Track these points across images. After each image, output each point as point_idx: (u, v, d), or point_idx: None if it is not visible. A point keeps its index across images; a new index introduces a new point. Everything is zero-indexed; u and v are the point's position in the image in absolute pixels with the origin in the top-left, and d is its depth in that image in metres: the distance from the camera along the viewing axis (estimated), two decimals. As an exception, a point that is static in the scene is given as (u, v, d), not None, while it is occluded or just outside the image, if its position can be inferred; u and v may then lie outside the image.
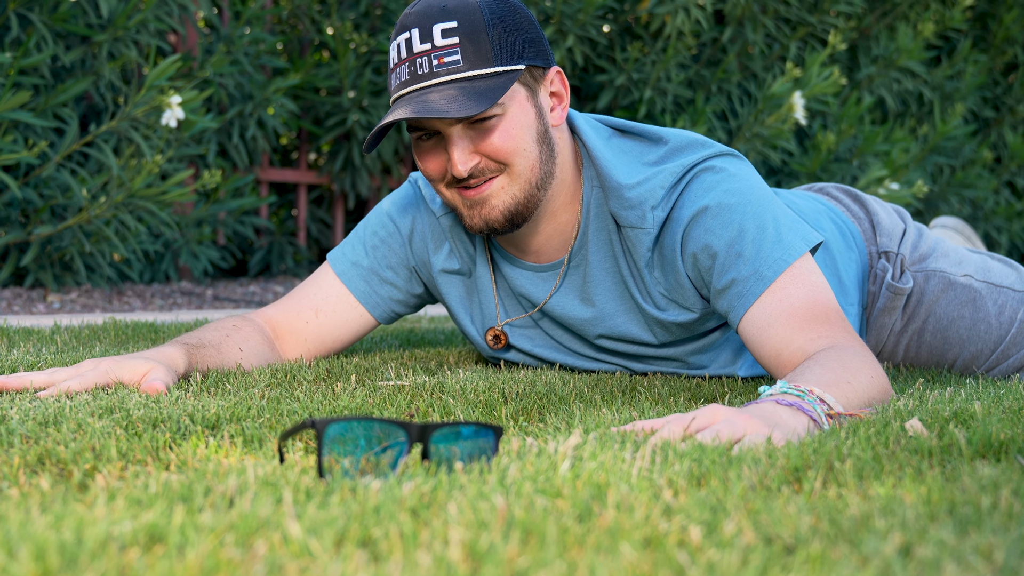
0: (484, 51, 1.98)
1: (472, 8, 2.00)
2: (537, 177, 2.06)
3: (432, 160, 2.06)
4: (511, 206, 2.06)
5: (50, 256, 4.16)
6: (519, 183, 2.04)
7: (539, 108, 2.06)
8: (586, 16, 5.03)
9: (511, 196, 2.05)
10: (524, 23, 2.04)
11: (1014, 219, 6.84)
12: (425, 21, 2.00)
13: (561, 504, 1.14)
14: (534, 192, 2.06)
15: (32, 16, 3.89)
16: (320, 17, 5.21)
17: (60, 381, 1.87)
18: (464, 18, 1.99)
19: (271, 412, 1.69)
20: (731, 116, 5.56)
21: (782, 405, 1.59)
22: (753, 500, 1.18)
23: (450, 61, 1.98)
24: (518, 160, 2.02)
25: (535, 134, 2.04)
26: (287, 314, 2.33)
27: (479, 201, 2.05)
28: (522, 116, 2.03)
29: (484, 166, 2.02)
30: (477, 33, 1.98)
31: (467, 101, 1.94)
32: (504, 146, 2.01)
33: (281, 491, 1.18)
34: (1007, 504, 1.15)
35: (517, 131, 2.02)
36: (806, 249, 2.01)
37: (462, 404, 1.80)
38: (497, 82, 1.97)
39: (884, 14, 6.22)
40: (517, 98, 2.02)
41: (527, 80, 2.04)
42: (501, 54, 1.99)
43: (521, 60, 2.01)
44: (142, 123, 4.08)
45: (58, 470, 1.33)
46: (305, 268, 5.40)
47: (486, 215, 2.06)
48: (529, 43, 2.03)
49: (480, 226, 2.08)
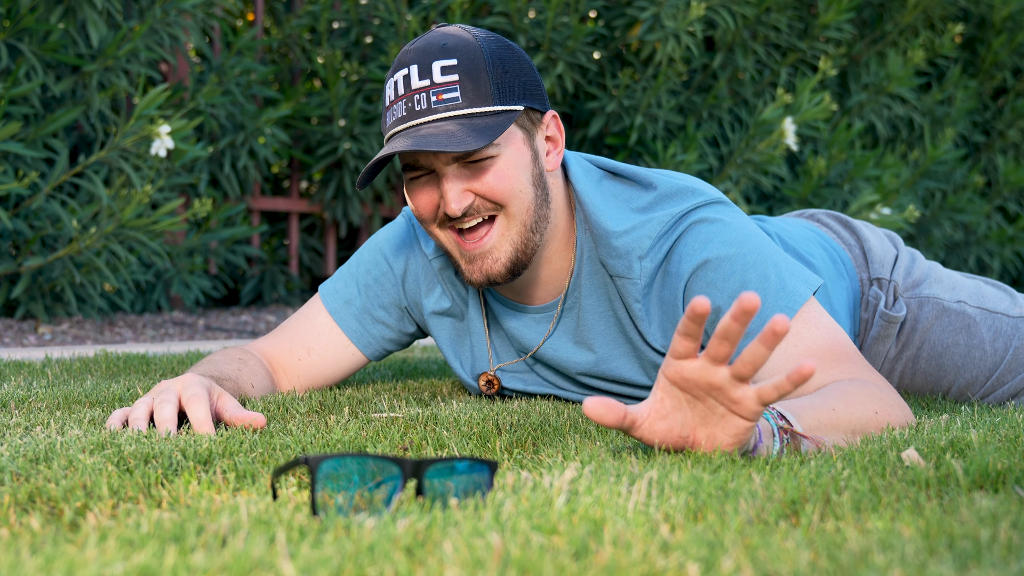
0: (483, 90, 1.97)
1: (472, 47, 1.99)
2: (532, 220, 2.04)
3: (424, 198, 2.04)
4: (511, 256, 2.04)
5: (41, 287, 4.15)
6: (516, 226, 2.03)
7: (535, 151, 2.05)
8: (576, 43, 5.03)
9: (510, 244, 2.03)
10: (523, 66, 2.03)
11: (1006, 244, 6.85)
12: (424, 58, 1.99)
13: (557, 541, 1.13)
14: (530, 236, 2.05)
15: (22, 46, 3.89)
16: (311, 46, 5.22)
17: (176, 404, 1.82)
18: (464, 56, 1.98)
19: (264, 446, 1.67)
20: (722, 142, 5.57)
21: None
22: (751, 535, 1.17)
23: (449, 98, 1.97)
24: (513, 201, 2.01)
25: (531, 176, 2.03)
26: (280, 350, 2.32)
27: (479, 255, 2.03)
28: (518, 157, 2.02)
29: (479, 205, 2.01)
30: (477, 72, 1.97)
31: (466, 137, 1.93)
32: (499, 186, 1.99)
33: (274, 530, 1.17)
34: (1006, 537, 1.14)
35: (513, 172, 2.00)
36: (810, 293, 2.00)
37: (456, 436, 1.79)
38: (496, 120, 1.96)
39: (874, 41, 6.25)
40: (513, 139, 2.01)
41: (524, 122, 2.03)
42: (500, 94, 1.98)
43: (519, 101, 2.00)
44: (132, 153, 4.07)
45: (49, 509, 1.32)
46: (297, 297, 5.38)
47: (487, 269, 2.04)
48: (527, 85, 2.03)
49: (480, 280, 2.06)
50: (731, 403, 1.52)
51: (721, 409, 1.53)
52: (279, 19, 5.30)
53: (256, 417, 1.83)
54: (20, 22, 3.89)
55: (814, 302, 2.00)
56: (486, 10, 5.16)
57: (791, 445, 1.65)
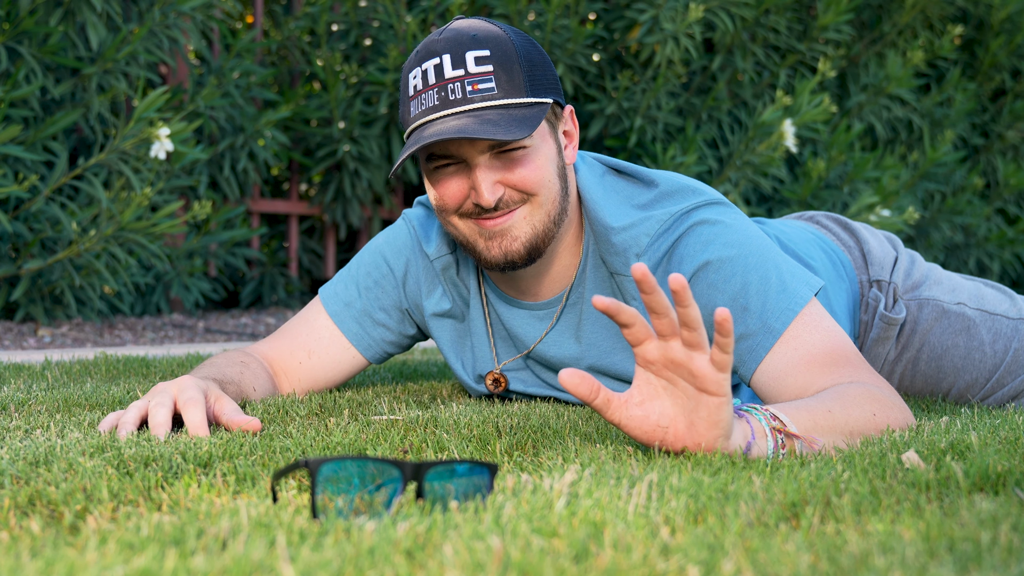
0: (517, 81, 1.98)
1: (503, 39, 2.00)
2: (556, 211, 2.06)
3: (452, 187, 2.03)
4: (531, 237, 2.04)
5: (40, 290, 4.14)
6: (540, 214, 2.03)
7: (559, 144, 2.07)
8: (576, 45, 5.04)
9: (531, 227, 2.04)
10: (546, 60, 2.06)
11: (1006, 246, 6.85)
12: (457, 47, 1.99)
13: (557, 544, 1.13)
14: (551, 227, 2.06)
15: (21, 49, 3.89)
16: (310, 49, 5.22)
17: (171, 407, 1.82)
18: (496, 48, 1.99)
19: (264, 449, 1.67)
20: (722, 144, 5.57)
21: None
22: (751, 537, 1.17)
23: (485, 88, 1.97)
24: (543, 191, 2.02)
25: (556, 168, 2.05)
26: (281, 353, 2.32)
27: (499, 232, 2.03)
28: (547, 149, 2.03)
29: (508, 197, 2.02)
30: (510, 63, 1.98)
31: (509, 126, 1.93)
32: (532, 176, 2.00)
33: (275, 532, 1.17)
34: (1007, 540, 1.14)
35: (543, 163, 2.02)
36: (811, 295, 2.00)
37: (456, 439, 1.79)
38: (531, 112, 1.97)
39: (873, 42, 6.25)
40: (542, 131, 2.03)
41: (550, 116, 2.05)
42: (532, 86, 1.99)
43: (548, 94, 2.02)
44: (131, 156, 4.08)
45: (49, 512, 1.32)
46: (297, 299, 5.38)
47: (507, 247, 2.04)
48: (552, 80, 2.05)
49: (499, 258, 2.06)
50: (694, 379, 1.54)
51: (691, 390, 1.55)
52: (278, 21, 5.30)
53: (252, 422, 1.83)
54: (20, 25, 3.89)
55: (815, 304, 2.00)
56: (486, 12, 5.16)
57: (786, 446, 1.65)
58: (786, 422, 1.66)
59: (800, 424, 1.68)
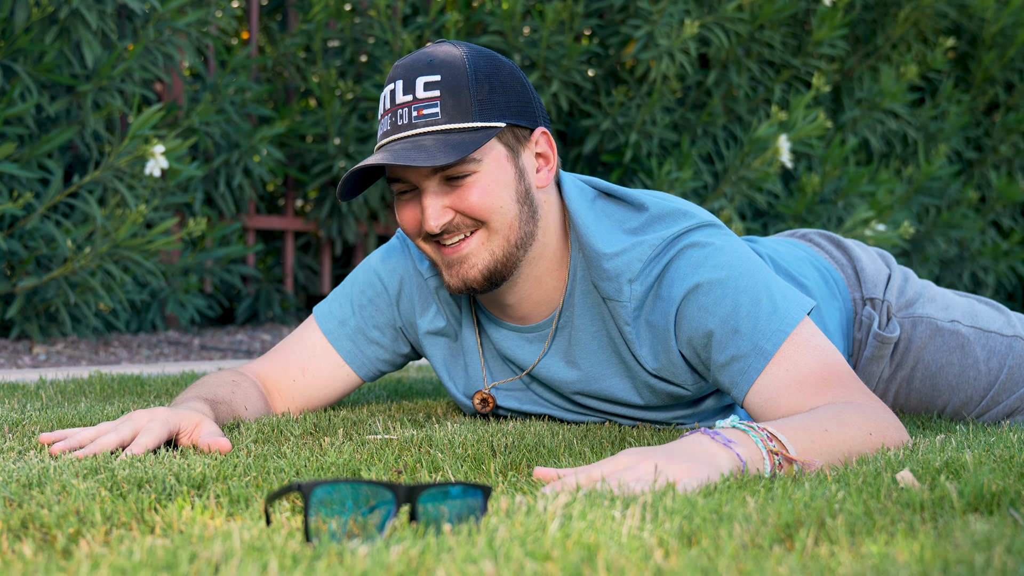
0: (464, 106, 1.97)
1: (458, 63, 2.00)
2: (517, 236, 2.05)
3: (408, 214, 2.05)
4: (489, 264, 2.04)
5: (35, 307, 4.14)
6: (498, 239, 2.03)
7: (520, 168, 2.05)
8: (570, 62, 5.04)
9: (489, 253, 2.04)
10: (513, 83, 2.04)
11: (1000, 259, 6.86)
12: (410, 73, 2.01)
13: (551, 568, 1.13)
14: (513, 251, 2.05)
15: (16, 66, 3.89)
16: (305, 65, 5.22)
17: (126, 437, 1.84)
18: (448, 72, 1.99)
19: (257, 470, 1.67)
20: (717, 159, 5.57)
21: (715, 440, 1.62)
22: (745, 560, 1.16)
23: (429, 113, 1.98)
24: (495, 218, 2.02)
25: (514, 193, 2.03)
26: (275, 371, 2.32)
27: (457, 260, 2.04)
28: (500, 174, 2.02)
29: (459, 222, 2.02)
30: (459, 88, 1.98)
31: (437, 152, 1.93)
32: (480, 203, 2.00)
33: (267, 557, 1.16)
34: (1000, 562, 1.14)
35: (494, 188, 2.01)
36: (803, 315, 2.00)
37: (450, 458, 1.79)
38: (473, 137, 1.97)
39: (867, 55, 6.26)
40: (495, 156, 2.01)
41: (508, 139, 2.03)
42: (481, 110, 1.98)
43: (502, 118, 2.00)
44: (126, 173, 4.08)
45: (41, 535, 1.32)
46: (293, 315, 5.38)
47: (464, 274, 2.05)
48: (515, 103, 2.03)
49: (458, 285, 2.06)
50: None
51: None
52: (273, 38, 5.30)
53: (220, 443, 1.85)
54: (14, 43, 3.89)
55: (807, 324, 2.00)
56: (480, 28, 5.17)
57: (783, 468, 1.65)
58: (784, 443, 1.66)
59: (798, 445, 1.68)
